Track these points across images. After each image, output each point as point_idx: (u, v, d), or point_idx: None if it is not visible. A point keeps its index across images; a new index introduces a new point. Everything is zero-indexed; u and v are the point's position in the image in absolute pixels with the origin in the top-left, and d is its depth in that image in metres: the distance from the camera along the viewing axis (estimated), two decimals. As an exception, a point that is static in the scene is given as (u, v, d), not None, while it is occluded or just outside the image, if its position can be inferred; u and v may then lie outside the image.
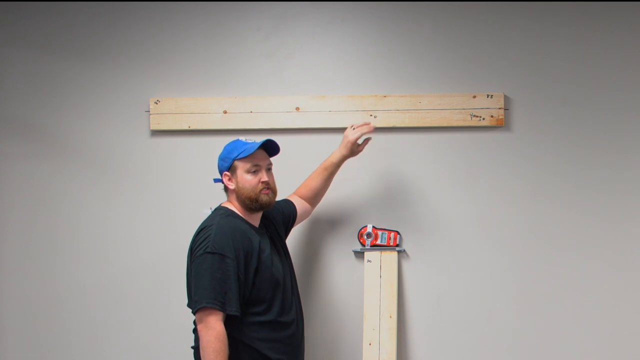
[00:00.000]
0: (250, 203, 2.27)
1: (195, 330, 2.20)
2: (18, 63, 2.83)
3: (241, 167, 2.27)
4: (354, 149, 2.53)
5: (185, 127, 2.77)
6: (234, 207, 2.31)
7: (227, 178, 2.30)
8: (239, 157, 2.26)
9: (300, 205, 2.57)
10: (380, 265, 2.71)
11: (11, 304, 2.84)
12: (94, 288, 2.82)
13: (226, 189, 2.34)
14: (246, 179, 2.26)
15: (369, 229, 2.71)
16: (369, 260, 2.71)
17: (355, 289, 2.73)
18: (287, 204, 2.54)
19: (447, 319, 2.74)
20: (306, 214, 2.62)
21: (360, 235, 2.72)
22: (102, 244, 2.82)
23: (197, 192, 2.76)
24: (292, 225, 2.55)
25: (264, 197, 2.27)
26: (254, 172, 2.27)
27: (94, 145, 2.82)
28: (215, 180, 2.38)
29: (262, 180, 2.27)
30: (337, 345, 2.75)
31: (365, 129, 2.51)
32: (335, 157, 2.55)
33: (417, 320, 2.74)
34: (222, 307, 2.10)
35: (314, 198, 2.60)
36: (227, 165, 2.29)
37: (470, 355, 2.74)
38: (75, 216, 2.82)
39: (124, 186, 2.81)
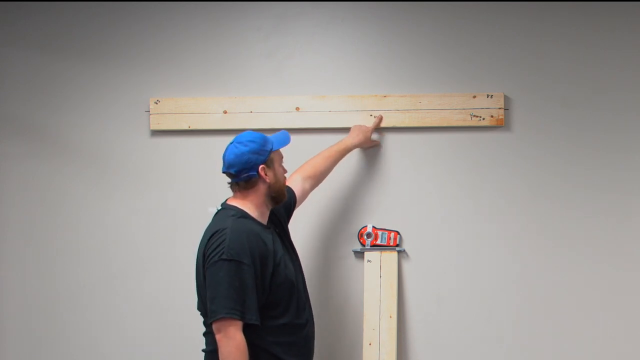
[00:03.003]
0: (281, 196, 2.25)
1: (206, 334, 2.17)
2: (18, 63, 2.83)
3: (277, 159, 2.24)
4: (368, 142, 2.66)
5: (185, 127, 2.77)
6: (245, 206, 2.20)
7: (263, 172, 2.18)
8: (274, 148, 2.22)
9: (299, 188, 2.49)
10: (380, 265, 2.71)
11: (11, 303, 2.84)
12: (93, 288, 2.82)
13: (245, 185, 2.19)
14: (281, 170, 2.26)
15: (369, 229, 2.71)
16: (369, 260, 2.71)
17: (355, 289, 2.74)
18: (288, 191, 2.44)
19: (447, 319, 2.74)
20: (304, 197, 2.54)
21: (360, 235, 2.72)
22: (102, 244, 2.82)
23: (197, 192, 2.76)
24: (293, 211, 2.49)
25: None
26: (281, 163, 2.29)
27: (94, 145, 2.82)
28: (251, 176, 2.17)
29: (285, 170, 2.30)
30: (337, 345, 2.75)
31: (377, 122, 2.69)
32: (350, 143, 2.61)
33: (417, 320, 2.74)
34: (241, 316, 2.03)
35: (318, 179, 2.58)
36: (263, 158, 2.18)
37: (470, 355, 2.74)
38: (75, 216, 2.82)
39: (124, 186, 2.81)
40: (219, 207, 2.25)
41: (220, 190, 2.42)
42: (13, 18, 2.83)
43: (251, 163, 2.16)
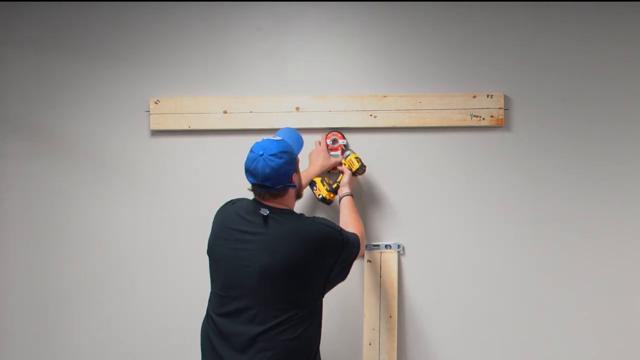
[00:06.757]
0: (302, 192, 2.31)
1: (290, 323, 2.12)
2: (18, 63, 2.83)
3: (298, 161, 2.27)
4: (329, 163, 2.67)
5: (185, 127, 2.76)
6: (286, 206, 2.21)
7: (294, 178, 2.20)
8: (298, 153, 2.27)
9: None
10: (380, 265, 2.71)
11: (11, 302, 2.84)
12: (93, 287, 2.82)
13: (277, 193, 2.17)
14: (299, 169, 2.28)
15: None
16: (369, 260, 2.71)
17: (355, 289, 2.74)
18: None
19: (447, 319, 2.74)
20: None
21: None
22: (101, 244, 2.82)
23: (197, 192, 2.76)
24: None
25: None
26: None
27: (94, 145, 2.82)
28: (288, 187, 2.18)
29: None
30: (337, 345, 2.76)
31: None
32: (312, 172, 2.64)
33: (417, 320, 2.75)
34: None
35: None
36: (295, 166, 2.20)
37: (470, 355, 2.74)
38: (74, 216, 2.82)
39: (123, 186, 2.81)
40: (267, 212, 2.14)
41: (220, 190, 2.43)
42: (13, 18, 2.83)
43: (288, 175, 2.16)
